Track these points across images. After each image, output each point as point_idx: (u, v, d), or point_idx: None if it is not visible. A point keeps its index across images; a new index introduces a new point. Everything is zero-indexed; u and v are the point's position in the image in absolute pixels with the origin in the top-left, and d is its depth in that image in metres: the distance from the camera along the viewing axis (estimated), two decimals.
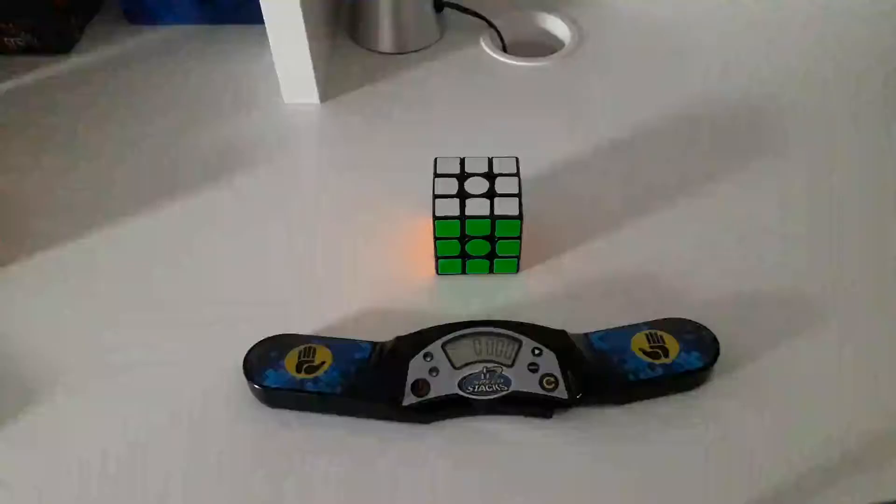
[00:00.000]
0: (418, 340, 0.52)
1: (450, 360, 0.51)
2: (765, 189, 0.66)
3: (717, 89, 0.76)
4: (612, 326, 0.54)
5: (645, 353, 0.51)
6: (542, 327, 0.53)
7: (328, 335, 0.54)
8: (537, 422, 0.51)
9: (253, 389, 0.51)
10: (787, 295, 0.58)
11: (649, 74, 0.79)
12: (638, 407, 0.51)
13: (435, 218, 0.55)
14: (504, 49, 0.83)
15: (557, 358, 0.51)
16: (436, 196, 0.56)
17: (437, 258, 0.59)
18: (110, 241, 0.63)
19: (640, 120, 0.73)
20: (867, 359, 0.54)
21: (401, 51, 0.81)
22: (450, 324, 0.53)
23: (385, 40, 0.81)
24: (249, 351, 0.52)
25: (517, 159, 0.58)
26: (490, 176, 0.57)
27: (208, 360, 0.54)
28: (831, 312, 0.57)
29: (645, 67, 0.79)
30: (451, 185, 0.57)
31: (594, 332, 0.53)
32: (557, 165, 0.67)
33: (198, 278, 0.60)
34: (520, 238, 0.57)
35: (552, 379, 0.50)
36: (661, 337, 0.52)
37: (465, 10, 0.83)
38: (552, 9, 0.86)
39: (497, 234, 0.56)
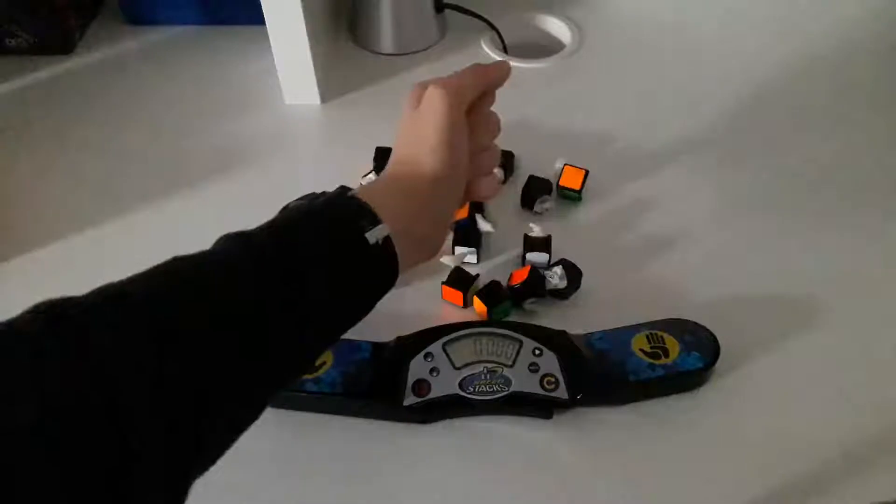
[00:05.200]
0: (419, 340, 0.52)
1: (450, 360, 0.51)
2: (764, 189, 0.66)
3: (718, 90, 0.76)
4: (612, 326, 0.54)
5: (645, 353, 0.51)
6: (542, 327, 0.53)
7: None
8: (537, 422, 0.51)
9: None
10: (787, 296, 0.58)
11: (649, 76, 0.79)
12: (638, 407, 0.51)
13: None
14: (505, 50, 0.83)
15: (558, 358, 0.51)
16: None
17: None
18: (110, 241, 0.63)
19: (640, 121, 0.73)
20: (866, 359, 0.54)
21: (401, 52, 0.81)
22: (450, 324, 0.53)
23: (386, 41, 0.81)
24: None
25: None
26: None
27: None
28: (831, 313, 0.57)
29: (645, 69, 0.80)
30: None
31: (594, 332, 0.53)
32: (557, 167, 0.67)
33: None
34: None
35: (552, 379, 0.50)
36: (662, 337, 0.52)
37: (465, 12, 0.83)
38: (553, 10, 0.86)
39: None
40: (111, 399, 0.28)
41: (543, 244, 0.59)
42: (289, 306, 0.36)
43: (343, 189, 0.43)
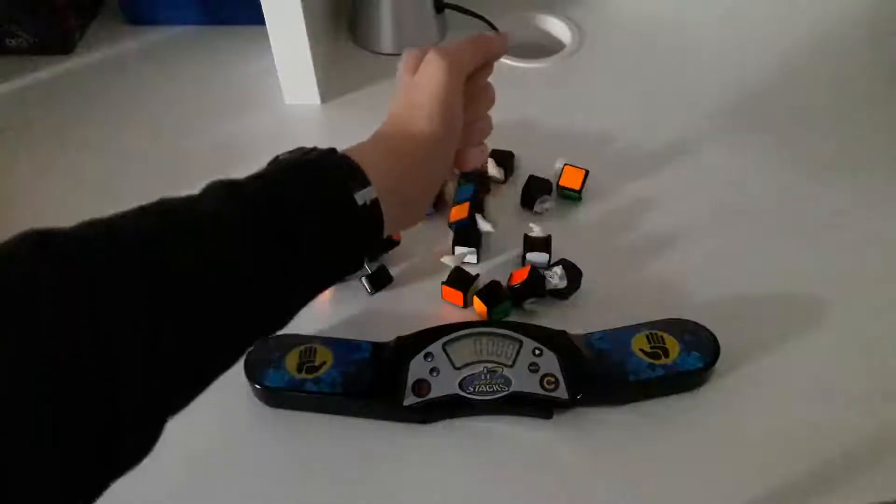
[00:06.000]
0: (419, 340, 0.52)
1: (450, 360, 0.51)
2: (764, 188, 0.66)
3: (717, 89, 0.76)
4: (612, 326, 0.54)
5: (645, 353, 0.51)
6: (543, 327, 0.53)
7: (329, 335, 0.54)
8: (537, 422, 0.51)
9: (254, 389, 0.51)
10: (787, 295, 0.58)
11: (649, 76, 0.79)
12: (638, 407, 0.51)
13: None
14: None
15: (558, 358, 0.51)
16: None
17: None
18: None
19: (640, 121, 0.73)
20: (866, 359, 0.54)
21: (401, 51, 0.81)
22: (450, 324, 0.53)
23: (385, 41, 0.81)
24: (250, 351, 0.52)
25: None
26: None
27: None
28: (830, 313, 0.57)
29: (645, 69, 0.80)
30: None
31: (594, 332, 0.53)
32: (557, 167, 0.67)
33: None
34: None
35: (552, 379, 0.50)
36: (662, 337, 0.52)
37: (465, 12, 0.83)
38: (553, 10, 0.86)
39: None
40: (105, 361, 0.28)
41: (543, 244, 0.59)
42: (281, 270, 0.36)
43: (332, 148, 0.42)
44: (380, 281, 0.58)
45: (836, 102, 0.75)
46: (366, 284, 0.58)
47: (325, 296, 0.58)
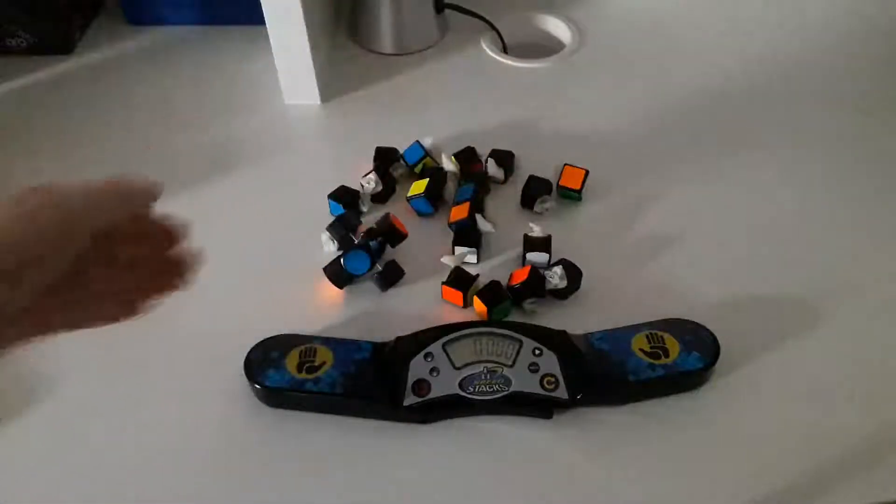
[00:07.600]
0: (419, 340, 0.52)
1: (450, 360, 0.51)
2: (764, 188, 0.66)
3: (718, 89, 0.76)
4: (612, 326, 0.54)
5: (645, 353, 0.51)
6: (543, 327, 0.53)
7: (329, 335, 0.54)
8: (537, 422, 0.51)
9: (254, 389, 0.51)
10: (787, 296, 0.58)
11: (650, 75, 0.79)
12: (638, 407, 0.51)
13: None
14: (504, 50, 0.83)
15: (558, 358, 0.51)
16: None
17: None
18: None
19: (640, 121, 0.73)
20: (866, 359, 0.54)
21: (401, 52, 0.81)
22: (450, 324, 0.53)
23: (386, 41, 0.81)
24: (250, 351, 0.52)
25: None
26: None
27: (210, 360, 0.54)
28: (830, 313, 0.57)
29: (645, 69, 0.80)
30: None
31: (594, 332, 0.53)
32: (557, 167, 0.67)
33: (198, 278, 0.60)
34: None
35: (552, 379, 0.50)
36: (662, 337, 0.52)
37: (465, 12, 0.83)
38: (553, 10, 0.86)
39: None
40: None
41: (543, 244, 0.59)
42: None
43: None
44: (391, 277, 0.58)
45: (837, 100, 0.75)
46: (377, 283, 0.58)
47: (327, 296, 0.58)
